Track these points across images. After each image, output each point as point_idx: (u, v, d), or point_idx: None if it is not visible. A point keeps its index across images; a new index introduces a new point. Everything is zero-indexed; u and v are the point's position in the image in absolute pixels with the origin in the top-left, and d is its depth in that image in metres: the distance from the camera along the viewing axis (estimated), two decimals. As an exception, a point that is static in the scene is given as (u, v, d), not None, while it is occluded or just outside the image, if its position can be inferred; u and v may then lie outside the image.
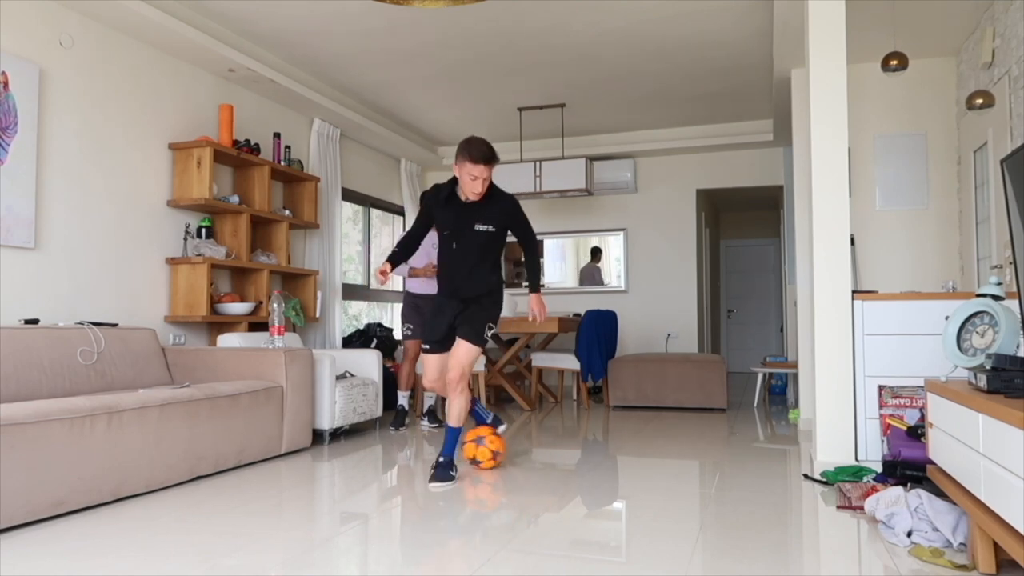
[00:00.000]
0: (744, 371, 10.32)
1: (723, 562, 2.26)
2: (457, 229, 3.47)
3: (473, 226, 3.45)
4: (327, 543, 2.48)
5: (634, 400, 6.23)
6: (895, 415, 3.39)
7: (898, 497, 2.58)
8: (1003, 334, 2.27)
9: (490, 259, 3.54)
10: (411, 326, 5.21)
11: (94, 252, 4.23)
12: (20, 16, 3.83)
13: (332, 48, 5.22)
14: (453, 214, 3.47)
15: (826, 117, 3.59)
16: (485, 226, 3.45)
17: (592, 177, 7.08)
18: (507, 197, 3.51)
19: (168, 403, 3.32)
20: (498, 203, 3.47)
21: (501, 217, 3.48)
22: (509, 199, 3.51)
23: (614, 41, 5.12)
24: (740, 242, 10.92)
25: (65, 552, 2.39)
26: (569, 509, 2.93)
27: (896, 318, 3.46)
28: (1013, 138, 3.94)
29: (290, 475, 3.62)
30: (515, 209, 3.51)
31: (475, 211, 3.45)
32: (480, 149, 3.29)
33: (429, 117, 6.96)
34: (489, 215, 3.46)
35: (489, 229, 3.46)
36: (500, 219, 3.48)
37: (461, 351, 3.48)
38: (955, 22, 4.53)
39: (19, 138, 3.77)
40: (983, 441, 1.97)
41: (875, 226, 5.16)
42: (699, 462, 3.89)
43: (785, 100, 5.75)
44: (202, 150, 4.70)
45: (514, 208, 3.51)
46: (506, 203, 3.49)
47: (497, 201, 3.47)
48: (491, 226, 3.46)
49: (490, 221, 3.46)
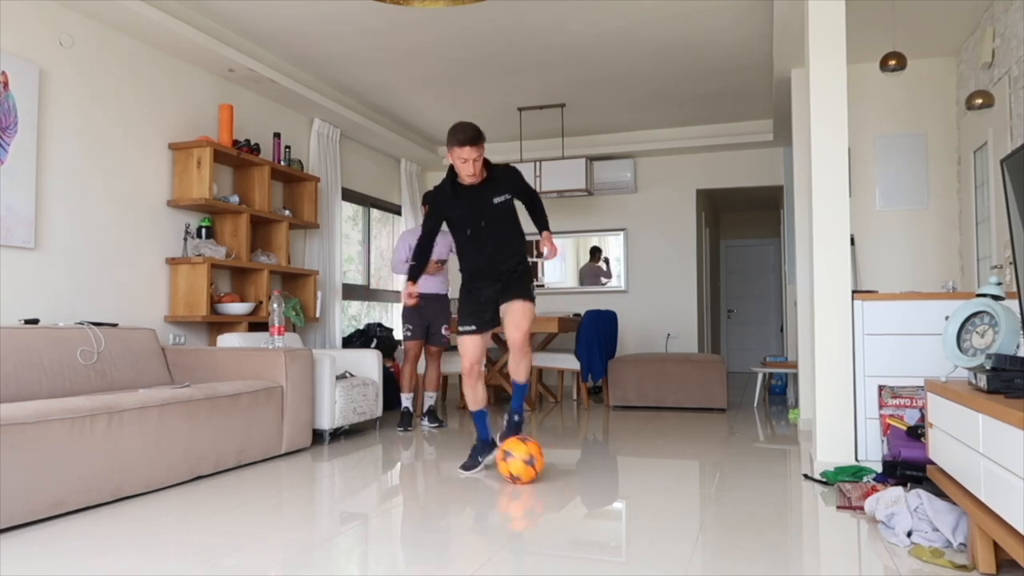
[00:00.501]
0: (744, 371, 10.32)
1: (723, 562, 2.26)
2: (477, 212, 3.62)
3: (492, 201, 3.62)
4: (327, 543, 2.48)
5: (634, 400, 6.23)
6: (895, 415, 3.39)
7: (898, 497, 2.58)
8: (1003, 334, 2.27)
9: (514, 228, 3.71)
10: (411, 327, 5.18)
11: (94, 252, 4.23)
12: (20, 16, 3.83)
13: (332, 48, 5.22)
14: (468, 201, 3.62)
15: (826, 117, 3.59)
16: (501, 197, 3.63)
17: (592, 177, 7.09)
18: (505, 167, 3.71)
19: (168, 403, 3.32)
20: (502, 175, 3.67)
21: (509, 185, 3.67)
22: (508, 168, 3.71)
23: (614, 41, 5.12)
24: (740, 242, 10.92)
25: (65, 552, 2.39)
26: (569, 509, 2.93)
27: (896, 318, 3.46)
28: (1013, 138, 3.94)
29: (290, 475, 3.62)
30: (517, 175, 3.72)
31: (487, 190, 3.62)
32: (465, 132, 3.43)
33: (429, 117, 6.96)
34: (500, 187, 3.64)
35: (506, 198, 3.65)
36: (510, 187, 3.67)
37: (518, 311, 3.61)
38: (955, 22, 4.53)
39: (19, 138, 3.77)
40: (983, 441, 1.97)
41: (875, 226, 5.16)
42: (699, 462, 3.89)
43: (785, 100, 5.75)
44: (202, 150, 4.71)
45: (515, 174, 3.71)
46: (508, 173, 3.70)
47: (500, 174, 3.67)
48: (506, 194, 3.65)
49: (503, 191, 3.64)
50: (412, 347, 5.19)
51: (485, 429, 3.76)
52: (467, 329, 3.67)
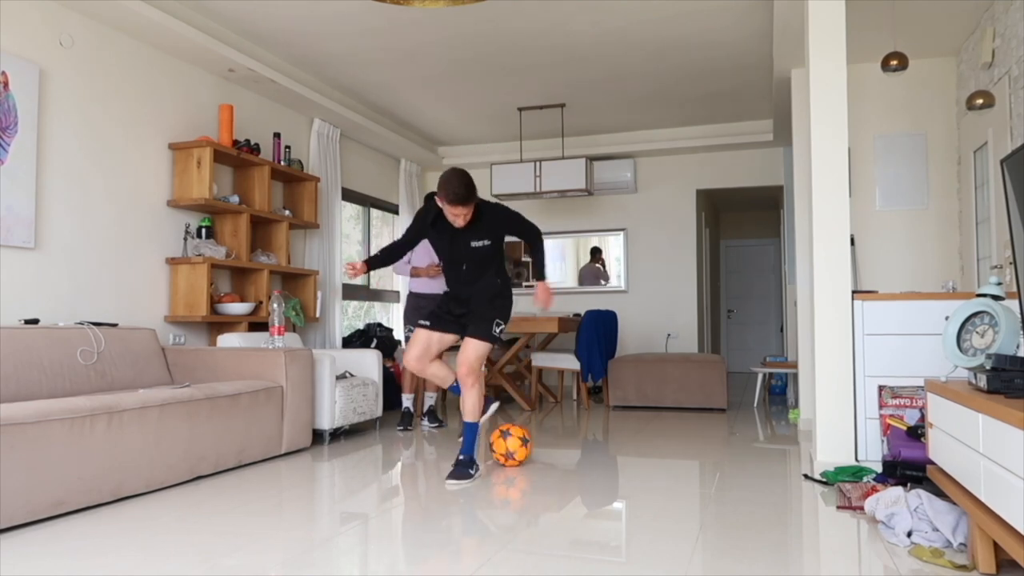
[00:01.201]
0: (744, 371, 10.32)
1: (723, 562, 2.26)
2: (454, 250, 3.53)
3: (469, 244, 3.49)
4: (327, 543, 2.48)
5: (634, 400, 6.23)
6: (895, 415, 3.39)
7: (898, 497, 2.58)
8: (1003, 334, 2.27)
9: (492, 268, 3.58)
10: (412, 328, 5.19)
11: (94, 252, 4.23)
12: (20, 16, 3.83)
13: (332, 48, 5.22)
14: (447, 238, 3.51)
15: (826, 117, 3.59)
16: (480, 242, 3.48)
17: (592, 177, 7.08)
18: (493, 209, 3.49)
19: (168, 403, 3.32)
20: (486, 218, 3.47)
21: (493, 230, 3.49)
22: (497, 210, 3.49)
23: (614, 41, 5.12)
24: (740, 242, 10.92)
25: (65, 552, 2.39)
26: (569, 509, 2.93)
27: (896, 318, 3.46)
28: (1013, 138, 3.94)
29: (290, 475, 3.62)
30: (505, 217, 3.50)
31: (467, 232, 3.48)
32: (456, 193, 3.25)
33: (429, 117, 6.96)
34: (482, 231, 3.47)
35: (484, 243, 3.48)
36: (493, 232, 3.49)
37: (469, 348, 3.52)
38: (955, 22, 4.53)
39: (19, 138, 3.77)
40: (983, 441, 1.97)
41: (875, 226, 5.16)
42: (699, 462, 3.89)
43: (785, 100, 5.75)
44: (202, 150, 4.71)
45: (504, 216, 3.50)
46: (494, 216, 3.48)
47: (485, 217, 3.46)
48: (486, 240, 3.48)
49: (484, 236, 3.48)
50: None
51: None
52: (422, 323, 3.62)
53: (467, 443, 3.55)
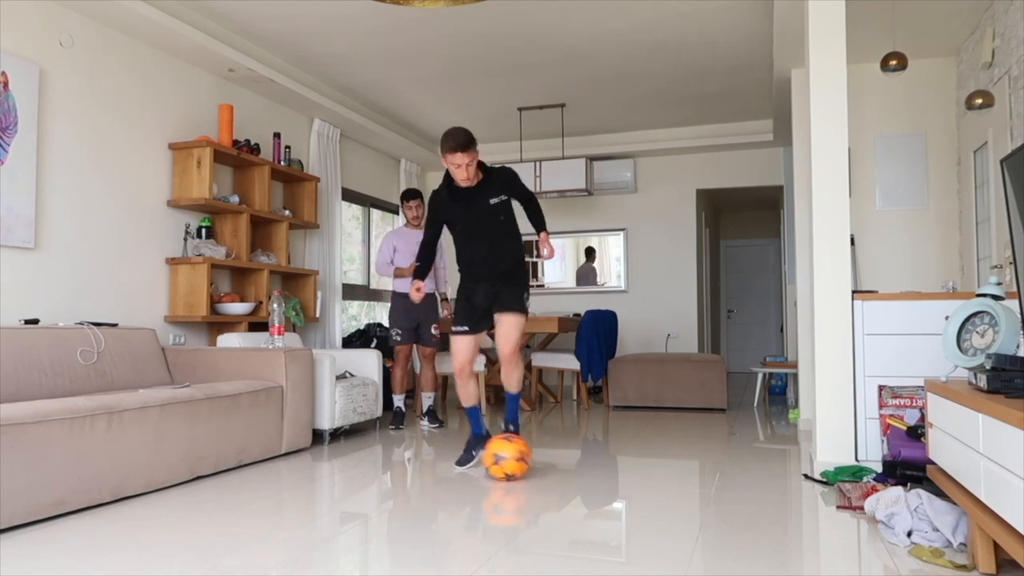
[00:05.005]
0: (744, 371, 10.31)
1: (723, 562, 2.26)
2: (474, 213, 3.70)
3: (488, 202, 3.68)
4: (327, 543, 2.48)
5: (634, 400, 6.23)
6: (895, 415, 3.39)
7: (898, 497, 2.58)
8: (1003, 334, 2.27)
9: (512, 229, 3.77)
10: (399, 331, 5.21)
11: (94, 252, 4.23)
12: (20, 16, 3.83)
13: (332, 48, 5.22)
14: (464, 203, 3.70)
15: (826, 117, 3.59)
16: (497, 198, 3.69)
17: (592, 177, 7.09)
18: (499, 170, 3.76)
19: (168, 403, 3.32)
20: (498, 177, 3.72)
21: (505, 187, 3.72)
22: (505, 170, 3.75)
23: (614, 41, 5.12)
24: (740, 242, 10.92)
25: (65, 552, 2.39)
26: (569, 509, 2.93)
27: (896, 318, 3.46)
28: (1013, 138, 3.94)
29: (290, 475, 3.62)
30: (511, 175, 3.76)
31: (483, 191, 3.69)
32: (456, 139, 3.51)
33: (429, 117, 6.96)
34: (496, 189, 3.70)
35: (502, 199, 3.71)
36: (506, 188, 3.72)
37: (508, 324, 3.71)
38: (955, 22, 4.53)
39: (19, 138, 3.77)
40: (983, 441, 1.97)
41: (875, 226, 5.16)
42: (699, 462, 3.89)
43: (785, 100, 5.75)
44: (202, 150, 4.71)
45: (510, 174, 3.76)
46: (501, 174, 3.74)
47: (496, 176, 3.72)
48: (502, 195, 3.71)
49: (499, 192, 3.70)
50: (402, 351, 5.24)
51: (479, 424, 3.85)
52: (460, 330, 3.77)
53: (511, 410, 3.81)
